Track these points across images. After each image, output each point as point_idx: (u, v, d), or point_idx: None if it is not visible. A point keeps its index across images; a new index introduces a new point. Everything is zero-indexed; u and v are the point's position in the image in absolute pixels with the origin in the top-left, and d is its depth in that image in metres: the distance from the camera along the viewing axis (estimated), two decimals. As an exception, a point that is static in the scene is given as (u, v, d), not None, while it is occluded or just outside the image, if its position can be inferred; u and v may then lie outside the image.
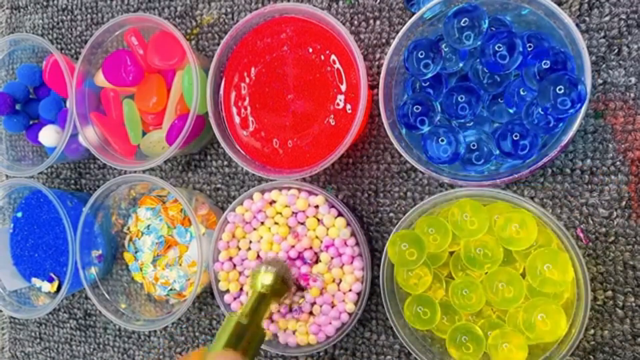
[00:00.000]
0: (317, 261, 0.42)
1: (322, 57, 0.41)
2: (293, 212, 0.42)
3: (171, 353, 0.52)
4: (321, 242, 0.42)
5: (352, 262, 0.41)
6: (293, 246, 0.42)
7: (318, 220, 0.42)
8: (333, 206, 0.42)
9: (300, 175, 0.41)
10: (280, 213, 0.43)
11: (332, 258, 0.42)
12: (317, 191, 0.42)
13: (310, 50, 0.41)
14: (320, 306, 0.42)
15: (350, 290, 0.41)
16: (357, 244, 0.41)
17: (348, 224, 0.41)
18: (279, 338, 0.43)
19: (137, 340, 0.54)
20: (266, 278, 0.34)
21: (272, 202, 0.43)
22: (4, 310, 0.53)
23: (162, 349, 0.24)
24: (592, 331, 0.39)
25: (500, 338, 0.34)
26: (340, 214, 0.42)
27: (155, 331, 0.53)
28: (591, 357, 0.39)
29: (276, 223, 0.43)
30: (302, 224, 0.42)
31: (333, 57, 0.41)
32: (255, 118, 0.43)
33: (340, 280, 0.42)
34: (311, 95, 0.41)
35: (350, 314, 0.41)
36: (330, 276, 0.42)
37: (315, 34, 0.41)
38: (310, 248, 0.42)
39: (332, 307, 0.42)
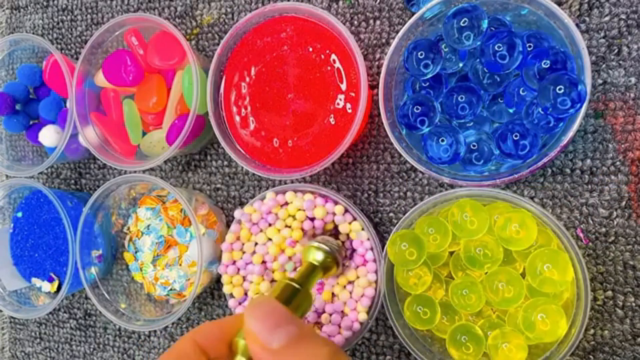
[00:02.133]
0: None
1: (322, 57, 0.41)
2: (307, 217, 0.41)
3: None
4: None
5: (365, 264, 0.41)
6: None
7: (335, 225, 0.42)
8: (347, 210, 0.41)
9: (300, 174, 0.41)
10: (294, 216, 0.42)
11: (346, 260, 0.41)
12: (333, 197, 0.41)
13: (311, 49, 0.41)
14: (330, 315, 0.41)
15: (362, 295, 0.40)
16: (371, 248, 0.41)
17: (363, 228, 0.41)
18: None
19: (137, 340, 0.54)
20: (318, 254, 0.36)
21: (285, 204, 0.42)
22: (4, 310, 0.53)
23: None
24: (592, 331, 0.39)
25: (500, 338, 0.34)
26: (354, 219, 0.41)
27: (155, 331, 0.53)
28: (591, 357, 0.39)
29: (287, 226, 0.42)
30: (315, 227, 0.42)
31: (333, 56, 0.41)
32: (256, 117, 0.43)
33: (353, 287, 0.41)
34: (311, 95, 0.41)
35: (361, 323, 0.40)
36: (345, 279, 0.41)
37: (316, 33, 0.41)
38: None
39: (343, 317, 0.41)
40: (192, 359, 0.23)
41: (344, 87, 0.40)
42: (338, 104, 0.41)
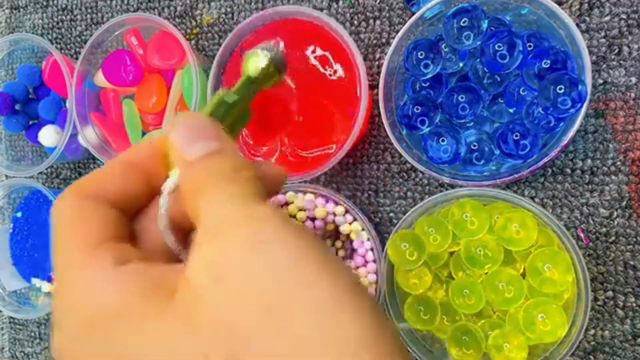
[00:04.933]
0: None
1: (322, 57, 0.41)
2: (308, 217, 0.42)
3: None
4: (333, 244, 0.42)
5: (366, 265, 0.41)
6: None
7: (335, 225, 0.42)
8: (347, 211, 0.41)
9: (301, 177, 0.41)
10: (294, 216, 0.42)
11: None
12: (333, 198, 0.41)
13: (310, 50, 0.41)
14: None
15: None
16: (371, 248, 0.41)
17: (363, 229, 0.41)
18: None
19: (137, 340, 0.54)
20: (261, 61, 0.31)
21: (285, 205, 0.42)
22: (4, 310, 0.53)
23: None
24: (592, 331, 0.39)
25: (501, 338, 0.34)
26: (355, 219, 0.41)
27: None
28: (591, 357, 0.39)
29: None
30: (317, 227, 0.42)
31: (333, 56, 0.41)
32: (255, 118, 0.43)
33: None
34: (311, 95, 0.41)
35: None
36: None
37: (315, 33, 0.41)
38: None
39: None
40: (123, 175, 0.22)
41: (343, 87, 0.40)
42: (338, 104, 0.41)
